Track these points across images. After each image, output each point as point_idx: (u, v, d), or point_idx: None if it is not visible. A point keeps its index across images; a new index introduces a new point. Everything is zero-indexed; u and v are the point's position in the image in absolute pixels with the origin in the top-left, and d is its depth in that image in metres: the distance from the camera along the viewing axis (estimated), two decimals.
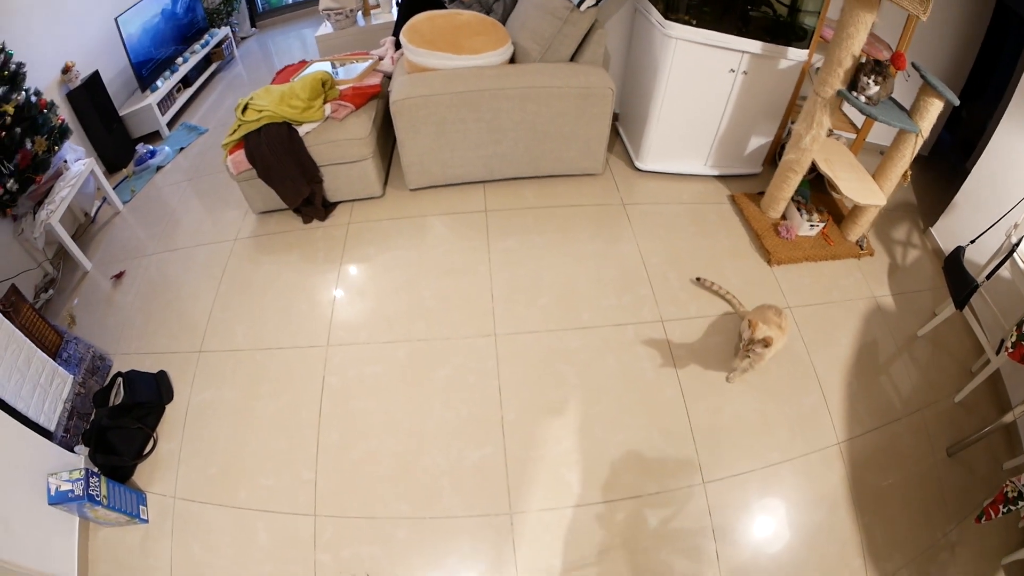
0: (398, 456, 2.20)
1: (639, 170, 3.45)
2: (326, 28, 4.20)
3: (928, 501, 2.26)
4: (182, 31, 4.73)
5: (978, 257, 2.89)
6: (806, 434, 2.32)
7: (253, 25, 5.87)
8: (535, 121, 2.94)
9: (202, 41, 4.86)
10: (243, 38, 5.73)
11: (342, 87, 3.12)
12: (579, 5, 2.84)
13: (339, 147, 2.94)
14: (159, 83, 4.36)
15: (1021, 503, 1.93)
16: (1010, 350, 2.22)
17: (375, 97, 3.14)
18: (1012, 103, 3.00)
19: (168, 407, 2.47)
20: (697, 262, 2.89)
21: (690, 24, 2.88)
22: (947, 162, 4.28)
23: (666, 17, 2.90)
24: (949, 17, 3.64)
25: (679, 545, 2.02)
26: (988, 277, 2.53)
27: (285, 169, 2.95)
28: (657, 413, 2.33)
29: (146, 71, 4.30)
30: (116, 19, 4.07)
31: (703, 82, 3.04)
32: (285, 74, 3.49)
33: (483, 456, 2.20)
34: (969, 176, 3.35)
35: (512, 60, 3.07)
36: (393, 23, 3.81)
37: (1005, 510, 1.98)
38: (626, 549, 2.00)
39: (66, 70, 3.69)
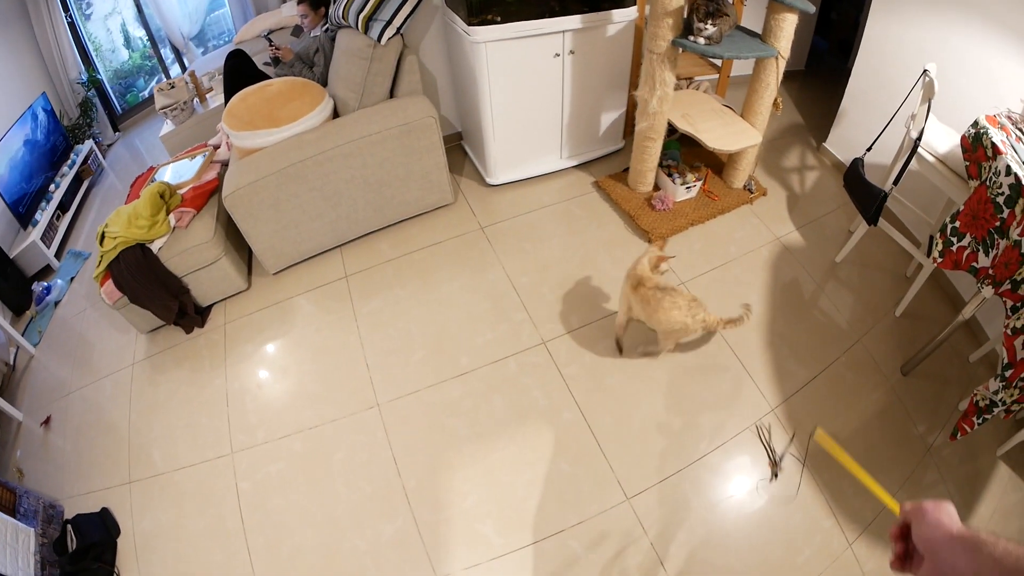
0: (321, 547, 2.20)
1: (492, 186, 3.33)
2: (168, 126, 4.10)
3: (896, 428, 2.19)
4: (48, 156, 4.66)
5: (882, 159, 2.72)
6: (733, 413, 2.24)
7: (116, 130, 5.76)
8: (365, 173, 2.84)
9: (68, 161, 4.79)
10: (109, 145, 5.62)
11: (183, 190, 3.04)
12: (380, 39, 2.71)
13: (191, 255, 2.88)
14: (38, 216, 4.31)
15: (996, 408, 1.82)
16: (939, 260, 2.10)
17: (215, 192, 3.06)
18: None
19: (119, 540, 2.47)
20: (571, 266, 2.79)
21: (496, 23, 2.74)
22: (828, 69, 4.07)
23: (469, 23, 2.75)
24: None
25: (619, 568, 1.96)
26: (896, 182, 2.39)
27: (150, 290, 2.90)
28: (560, 440, 2.26)
29: (23, 207, 4.25)
30: None
31: (529, 77, 2.92)
32: (137, 186, 3.41)
33: (396, 529, 2.16)
34: (851, 77, 3.21)
35: (336, 114, 2.96)
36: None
37: (979, 420, 1.89)
38: None
39: None
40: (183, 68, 5.70)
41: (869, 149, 2.62)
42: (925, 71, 2.32)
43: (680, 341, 2.39)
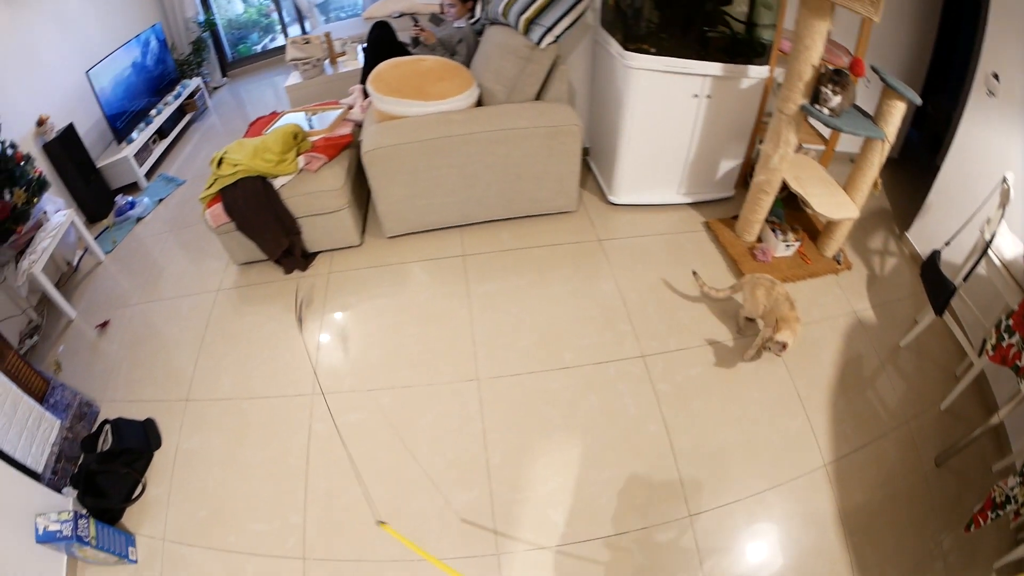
0: (386, 500, 2.22)
1: (613, 204, 3.48)
2: (295, 78, 4.23)
3: (918, 514, 2.28)
4: (154, 83, 4.76)
5: (955, 257, 2.85)
6: (792, 459, 2.34)
7: (224, 75, 5.90)
8: (506, 163, 2.97)
9: (174, 92, 4.89)
10: (215, 88, 5.75)
11: (314, 138, 3.14)
12: (539, 42, 2.86)
13: (315, 199, 2.97)
14: (134, 135, 4.39)
15: (1009, 506, 1.93)
16: (990, 353, 2.22)
17: (348, 147, 3.16)
18: (973, 92, 2.98)
19: (156, 453, 2.49)
20: (675, 293, 2.92)
21: (649, 53, 2.91)
22: (918, 161, 4.28)
23: (625, 48, 2.92)
24: (903, 12, 3.64)
25: None
26: (965, 279, 2.52)
27: (263, 222, 2.97)
28: (641, 449, 2.35)
29: (120, 123, 4.33)
30: (87, 73, 4.10)
31: (668, 110, 3.07)
32: (258, 126, 3.51)
33: (470, 499, 2.22)
34: (939, 174, 3.31)
35: (480, 102, 3.10)
36: (360, 71, 3.84)
37: (994, 515, 1.98)
38: None
39: (41, 123, 3.73)
40: (303, 30, 5.86)
41: (947, 244, 2.77)
42: (1004, 178, 2.48)
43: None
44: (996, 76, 2.78)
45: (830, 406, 2.57)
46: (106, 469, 2.33)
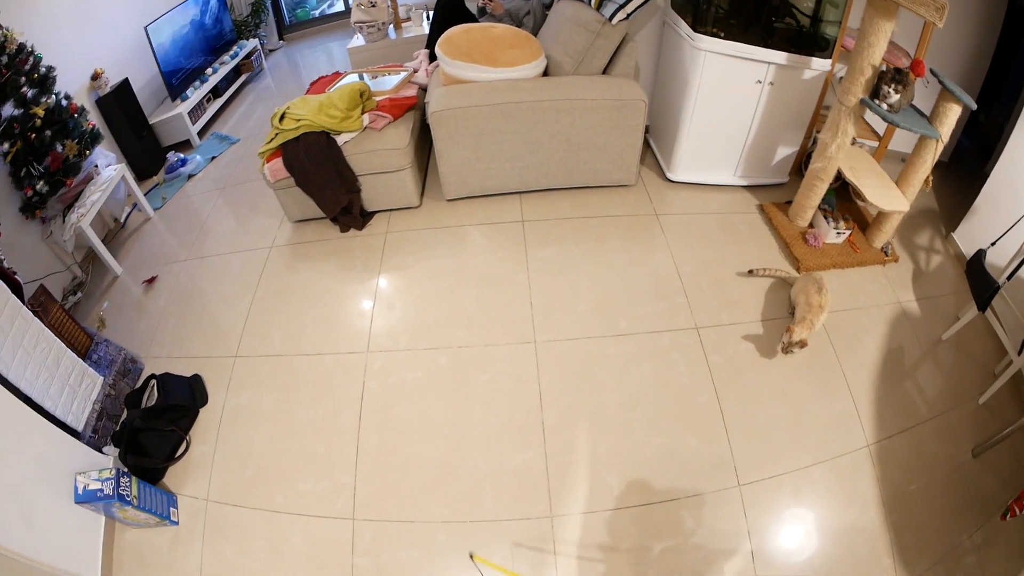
0: (439, 461, 2.24)
1: (670, 181, 3.51)
2: (358, 40, 4.27)
3: (955, 502, 2.30)
4: (211, 42, 4.81)
5: (999, 260, 2.91)
6: (837, 437, 2.37)
7: (281, 38, 5.95)
8: (570, 132, 3.01)
9: (231, 52, 4.93)
10: (271, 51, 5.80)
11: (379, 98, 3.18)
12: (611, 19, 2.90)
13: (378, 157, 3.01)
14: (189, 93, 4.43)
15: None
16: None
17: (412, 109, 3.21)
18: None
19: (202, 411, 2.49)
20: (728, 270, 2.95)
21: (718, 36, 2.95)
22: (967, 167, 4.32)
23: (695, 30, 2.96)
24: (964, 21, 3.66)
25: (716, 546, 2.07)
26: (1009, 278, 2.57)
27: (324, 177, 3.00)
28: (692, 418, 2.38)
29: (176, 80, 4.38)
30: (146, 28, 4.13)
31: (731, 93, 3.11)
32: (320, 85, 3.56)
33: (524, 460, 2.24)
34: (988, 180, 3.37)
35: (545, 73, 3.14)
36: (424, 37, 3.88)
37: None
38: (663, 550, 2.05)
39: (95, 76, 3.76)
40: None
41: (993, 244, 2.81)
42: None
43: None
44: None
45: (873, 390, 2.60)
46: (150, 427, 2.32)
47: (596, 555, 2.04)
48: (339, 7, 6.56)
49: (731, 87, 3.08)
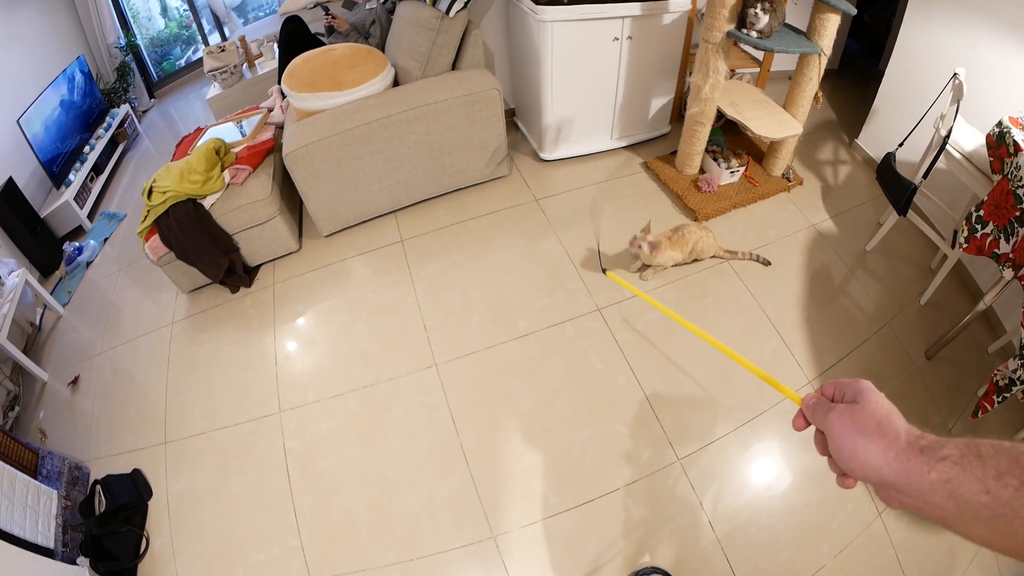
0: (373, 505, 2.21)
1: (546, 161, 3.41)
2: (215, 89, 4.13)
3: (919, 407, 2.28)
4: (83, 118, 4.65)
5: (910, 156, 2.87)
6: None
7: (151, 96, 5.76)
8: (428, 140, 2.90)
9: (104, 124, 4.78)
10: (144, 111, 5.63)
11: (237, 149, 3.07)
12: (448, 12, 2.78)
13: (245, 212, 2.91)
14: (72, 176, 4.30)
15: (1015, 387, 1.93)
16: (964, 245, 2.22)
17: (271, 152, 3.09)
18: None
19: (151, 503, 2.46)
20: (622, 240, 2.86)
21: (562, 3, 2.83)
22: (859, 69, 4.25)
23: (537, 2, 2.84)
24: None
25: (670, 527, 2.03)
26: (925, 176, 2.50)
27: (200, 246, 2.91)
28: (614, 402, 2.33)
29: (56, 167, 4.25)
30: (18, 121, 4.00)
31: (590, 58, 2.99)
32: (184, 146, 3.44)
33: (453, 486, 2.20)
34: (884, 78, 3.34)
35: (395, 82, 3.02)
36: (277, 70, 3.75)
37: (999, 399, 2.00)
38: (618, 543, 2.01)
39: None
40: (223, 37, 5.72)
41: (901, 145, 2.74)
42: (955, 74, 2.43)
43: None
44: None
45: (804, 322, 2.56)
46: (108, 531, 2.31)
47: (547, 564, 2.00)
48: (202, 52, 6.31)
49: (588, 52, 2.98)
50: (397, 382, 2.53)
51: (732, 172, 3.09)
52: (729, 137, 3.34)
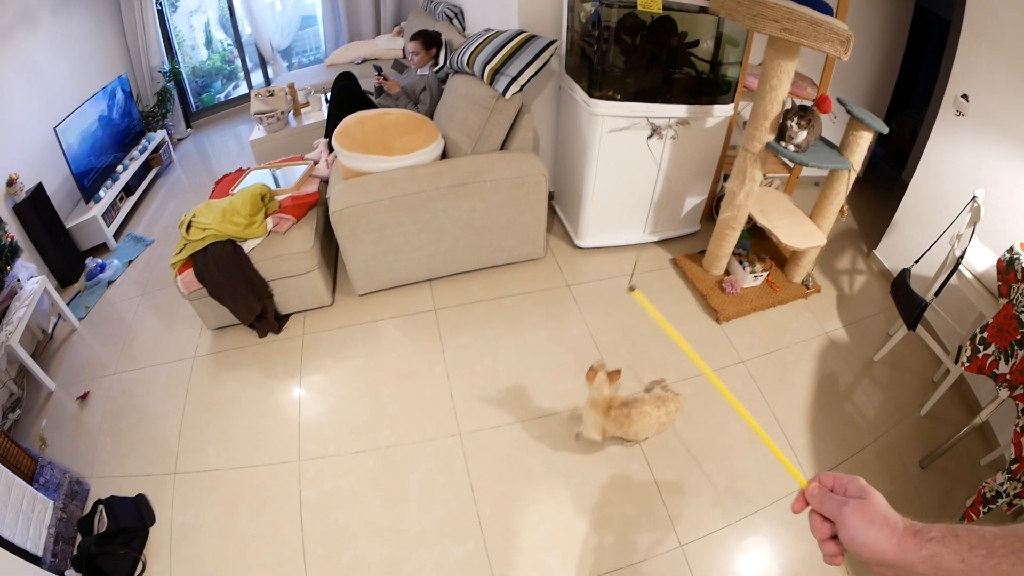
0: (384, 562, 2.23)
1: (579, 248, 3.52)
2: (259, 132, 4.20)
3: (909, 513, 2.29)
4: (120, 137, 4.71)
5: (925, 271, 2.95)
6: (777, 481, 2.40)
7: (188, 126, 5.82)
8: (472, 216, 2.99)
9: (140, 147, 4.84)
10: (179, 140, 5.68)
11: (281, 197, 3.14)
12: (504, 93, 2.90)
13: (285, 261, 2.96)
14: (102, 193, 4.34)
15: (1000, 500, 2.00)
16: (966, 363, 2.30)
17: (315, 205, 3.17)
18: (941, 112, 3.07)
19: (152, 529, 2.45)
20: (646, 332, 2.96)
21: (614, 99, 2.95)
22: (883, 177, 4.39)
23: (590, 95, 2.96)
24: (868, 38, 3.70)
25: None
26: (936, 294, 2.60)
27: (235, 287, 2.96)
28: (626, 487, 2.39)
29: (88, 181, 4.28)
30: (55, 128, 4.03)
31: (633, 153, 3.11)
32: (224, 184, 3.50)
33: (466, 552, 2.23)
34: (907, 192, 3.40)
35: (444, 154, 3.12)
36: (324, 122, 3.84)
37: (985, 510, 2.06)
38: None
39: (11, 183, 3.66)
40: (266, 77, 5.82)
41: (917, 262, 2.84)
42: (974, 197, 2.56)
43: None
44: (966, 97, 2.88)
45: (810, 427, 2.64)
46: (105, 551, 2.30)
47: None
48: (244, 89, 6.43)
49: (632, 147, 3.09)
50: (420, 446, 2.57)
51: (756, 276, 3.21)
52: (755, 241, 3.46)
